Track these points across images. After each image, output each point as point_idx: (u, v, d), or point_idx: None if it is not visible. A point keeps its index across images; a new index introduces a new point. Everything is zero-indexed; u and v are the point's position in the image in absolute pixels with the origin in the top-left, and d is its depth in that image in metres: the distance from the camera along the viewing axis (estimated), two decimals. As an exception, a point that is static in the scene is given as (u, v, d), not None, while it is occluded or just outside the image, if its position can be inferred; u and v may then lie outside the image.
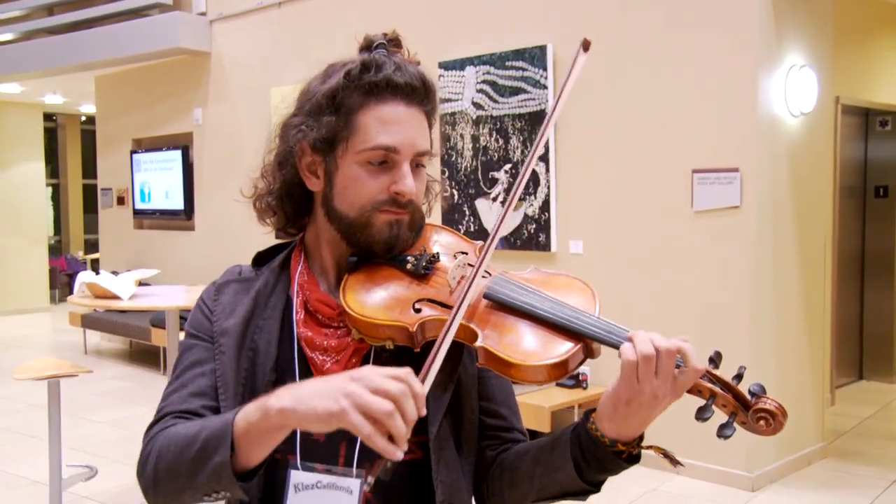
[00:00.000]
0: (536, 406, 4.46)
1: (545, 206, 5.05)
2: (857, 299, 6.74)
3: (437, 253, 1.24)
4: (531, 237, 5.12)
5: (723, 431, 1.03)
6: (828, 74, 4.79)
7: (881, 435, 5.38)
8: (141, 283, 7.35)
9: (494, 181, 5.32)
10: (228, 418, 1.07)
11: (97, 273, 7.31)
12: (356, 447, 1.20)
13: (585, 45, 1.13)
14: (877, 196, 6.72)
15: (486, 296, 1.15)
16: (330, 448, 1.21)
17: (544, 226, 5.07)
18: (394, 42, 1.27)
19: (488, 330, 1.11)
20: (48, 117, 12.47)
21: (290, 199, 1.29)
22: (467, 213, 5.47)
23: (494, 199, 5.31)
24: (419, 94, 1.22)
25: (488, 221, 5.37)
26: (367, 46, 1.26)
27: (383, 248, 1.22)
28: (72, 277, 11.48)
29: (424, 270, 1.21)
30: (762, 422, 1.04)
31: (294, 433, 1.20)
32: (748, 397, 1.06)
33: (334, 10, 6.32)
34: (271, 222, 1.32)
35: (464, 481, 1.24)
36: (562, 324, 1.10)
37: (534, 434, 5.25)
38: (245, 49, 7.21)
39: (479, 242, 1.27)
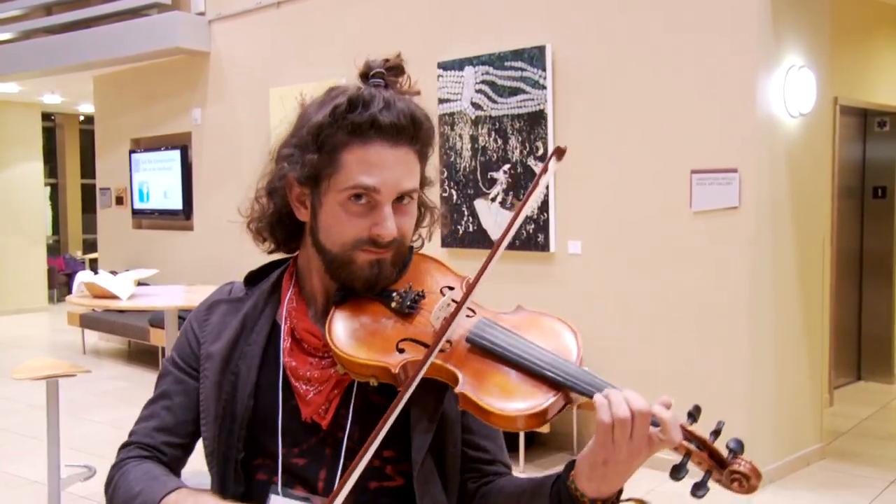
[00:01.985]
0: (535, 406, 4.45)
1: (544, 206, 5.05)
2: (855, 300, 6.74)
3: (423, 290, 1.23)
4: (530, 237, 5.12)
5: (696, 491, 1.02)
6: (826, 75, 4.79)
7: (879, 435, 5.38)
8: (139, 283, 7.34)
9: (493, 181, 5.32)
10: (156, 499, 1.17)
11: (96, 273, 7.30)
12: (336, 474, 1.20)
13: (559, 154, 1.13)
14: (875, 196, 6.73)
15: (468, 339, 1.15)
16: (310, 473, 1.21)
17: (543, 226, 5.07)
18: (393, 70, 1.25)
19: (469, 375, 1.11)
20: (46, 117, 12.46)
21: (280, 226, 1.29)
22: (466, 213, 5.47)
23: (493, 200, 5.31)
24: (406, 133, 1.19)
25: (487, 222, 5.37)
26: (365, 74, 1.25)
27: (364, 285, 1.21)
28: (70, 277, 11.47)
29: (409, 309, 1.20)
30: (735, 483, 1.03)
31: (276, 456, 1.22)
32: (725, 455, 1.04)
33: (333, 11, 6.31)
34: (264, 246, 1.33)
35: None
36: (543, 374, 1.09)
37: (531, 436, 5.18)
38: (244, 49, 7.20)
39: (467, 275, 1.25)
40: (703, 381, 4.37)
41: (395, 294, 1.22)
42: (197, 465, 1.37)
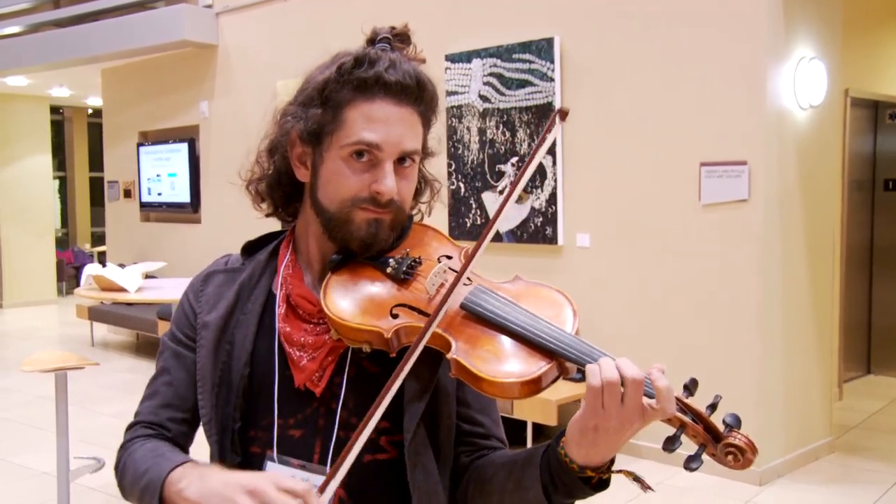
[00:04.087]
0: (543, 399, 4.45)
1: (552, 198, 5.04)
2: (865, 293, 6.71)
3: (419, 257, 1.22)
4: (538, 230, 5.11)
5: (689, 464, 0.99)
6: (837, 67, 4.76)
7: (889, 430, 5.36)
8: (147, 276, 7.37)
9: (501, 174, 5.31)
10: (163, 474, 1.15)
11: (104, 266, 7.33)
12: (331, 444, 1.20)
13: (563, 115, 1.12)
14: (885, 189, 6.69)
15: (463, 306, 1.13)
16: (305, 444, 1.21)
17: (551, 219, 5.05)
18: (400, 37, 1.25)
19: (462, 342, 1.09)
20: (55, 110, 12.49)
21: (279, 187, 1.29)
22: (474, 206, 5.45)
23: (501, 192, 5.30)
24: (411, 93, 1.19)
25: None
26: (372, 39, 1.25)
27: (360, 245, 1.21)
28: (79, 270, 11.52)
29: (405, 275, 1.20)
30: (730, 457, 1.00)
31: (271, 427, 1.22)
32: (720, 429, 1.02)
33: (341, 2, 6.30)
34: (262, 208, 1.33)
35: (441, 486, 1.22)
36: (536, 342, 1.08)
37: (540, 428, 5.16)
38: (251, 42, 7.20)
39: (466, 246, 1.24)
40: (711, 375, 4.35)
41: (391, 260, 1.21)
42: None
